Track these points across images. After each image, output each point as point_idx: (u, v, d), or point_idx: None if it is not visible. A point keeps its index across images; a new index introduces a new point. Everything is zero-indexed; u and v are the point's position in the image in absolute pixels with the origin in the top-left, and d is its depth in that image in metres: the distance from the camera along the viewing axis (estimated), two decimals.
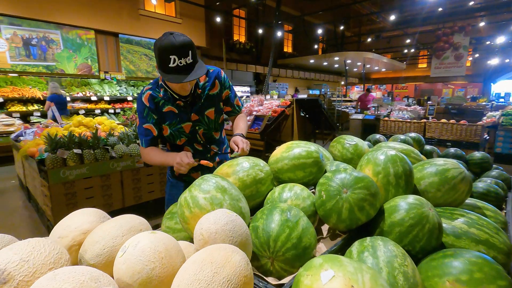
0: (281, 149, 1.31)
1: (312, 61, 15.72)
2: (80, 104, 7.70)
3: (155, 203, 3.61)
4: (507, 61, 17.74)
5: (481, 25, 13.23)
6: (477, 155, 1.89)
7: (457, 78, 18.91)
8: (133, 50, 9.19)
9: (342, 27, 15.64)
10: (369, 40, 17.81)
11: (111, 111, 8.35)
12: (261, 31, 12.53)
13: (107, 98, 8.20)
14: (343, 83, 19.35)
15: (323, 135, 7.04)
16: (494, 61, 17.30)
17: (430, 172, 1.14)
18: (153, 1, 8.84)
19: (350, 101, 15.32)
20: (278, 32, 11.54)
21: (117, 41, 8.82)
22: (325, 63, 16.45)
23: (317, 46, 18.59)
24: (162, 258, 0.63)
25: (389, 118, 6.40)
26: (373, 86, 22.40)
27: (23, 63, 7.08)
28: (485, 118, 6.59)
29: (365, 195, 0.95)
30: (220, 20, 10.71)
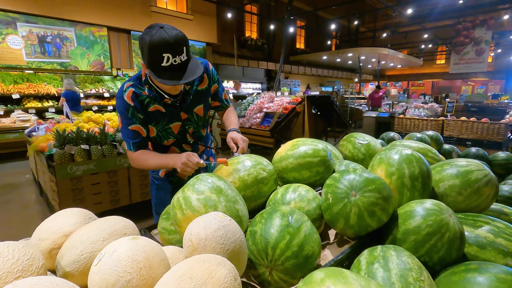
0: (286, 147, 1.22)
1: (325, 57, 15.44)
2: (93, 100, 7.82)
3: None
4: None
5: (505, 18, 12.57)
6: (501, 155, 1.78)
7: (477, 74, 18.18)
8: None
9: (356, 22, 15.21)
10: (385, 35, 17.34)
11: None
12: (273, 27, 12.38)
13: None
14: (356, 80, 18.95)
15: (335, 133, 6.87)
16: None
17: (450, 173, 1.03)
18: None
19: (364, 99, 14.96)
20: (290, 28, 11.37)
21: (129, 38, 8.92)
22: (338, 60, 16.14)
23: (330, 42, 18.26)
24: (140, 268, 0.56)
25: (404, 115, 6.16)
26: (388, 83, 21.84)
27: (39, 60, 7.25)
28: (507, 116, 6.26)
29: (376, 199, 0.86)
30: (231, 16, 10.66)
